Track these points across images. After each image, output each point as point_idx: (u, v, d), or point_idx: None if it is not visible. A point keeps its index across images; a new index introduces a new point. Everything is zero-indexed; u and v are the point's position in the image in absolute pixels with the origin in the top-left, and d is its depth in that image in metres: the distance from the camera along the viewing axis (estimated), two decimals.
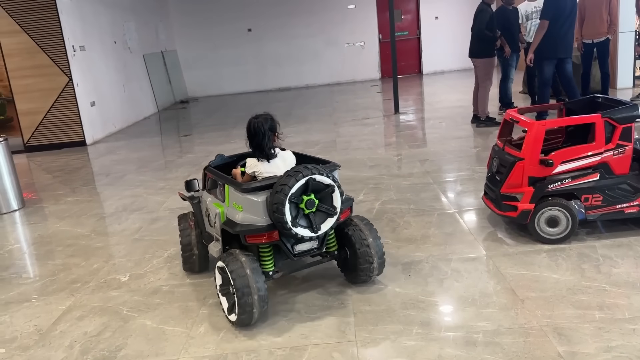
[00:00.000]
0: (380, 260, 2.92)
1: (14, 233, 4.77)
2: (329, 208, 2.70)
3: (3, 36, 8.07)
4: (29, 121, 8.40)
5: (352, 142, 6.82)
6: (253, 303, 2.57)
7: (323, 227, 2.69)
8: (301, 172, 2.58)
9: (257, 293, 2.58)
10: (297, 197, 2.60)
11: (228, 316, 2.74)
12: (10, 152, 5.29)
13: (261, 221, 2.67)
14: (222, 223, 2.84)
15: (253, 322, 2.67)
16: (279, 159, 2.94)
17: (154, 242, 4.08)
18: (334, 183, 2.69)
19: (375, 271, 2.95)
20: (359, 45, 14.10)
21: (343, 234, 2.96)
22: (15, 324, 3.00)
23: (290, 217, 2.57)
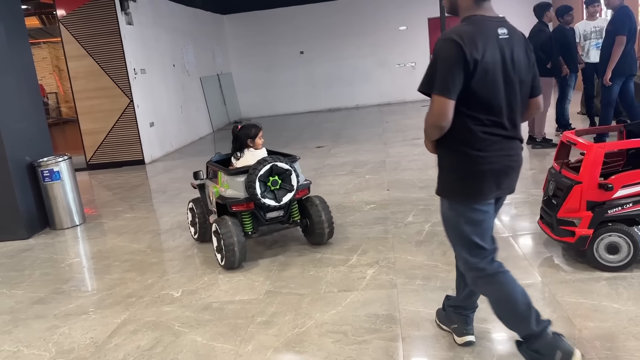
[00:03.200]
0: (329, 228, 4.03)
1: (75, 247, 5.00)
2: (287, 186, 3.84)
3: (70, 60, 8.59)
4: (91, 140, 8.84)
5: (401, 163, 6.78)
6: (235, 253, 3.71)
7: (284, 199, 3.84)
8: (267, 160, 3.75)
9: (238, 245, 3.71)
10: (265, 178, 3.75)
11: (220, 262, 3.86)
12: (73, 170, 5.58)
13: (241, 195, 3.81)
14: (217, 198, 3.96)
15: (236, 266, 3.79)
16: (248, 155, 4.03)
17: (205, 259, 4.18)
18: (291, 168, 3.83)
19: (327, 236, 4.06)
20: (410, 66, 14.07)
21: (304, 208, 4.09)
22: (73, 336, 3.13)
23: (260, 191, 3.73)
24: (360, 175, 6.31)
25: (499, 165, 2.18)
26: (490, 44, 2.09)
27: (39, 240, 5.17)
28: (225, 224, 3.75)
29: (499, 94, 2.11)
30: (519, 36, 2.21)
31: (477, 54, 2.04)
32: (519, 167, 2.29)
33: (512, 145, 2.21)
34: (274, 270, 3.78)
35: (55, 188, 5.34)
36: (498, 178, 2.20)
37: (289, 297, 3.32)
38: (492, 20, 2.15)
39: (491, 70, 2.08)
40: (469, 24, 2.14)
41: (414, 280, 3.36)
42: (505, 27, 2.16)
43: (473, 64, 2.04)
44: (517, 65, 2.14)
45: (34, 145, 5.46)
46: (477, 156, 2.15)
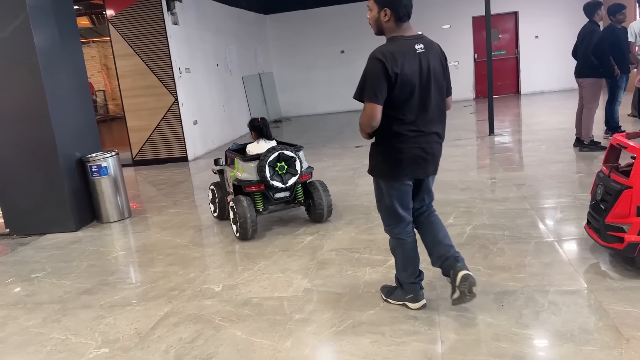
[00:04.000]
0: (328, 208, 4.74)
1: (121, 241, 5.16)
2: (292, 170, 4.57)
3: (119, 59, 8.86)
4: (137, 137, 9.10)
5: (442, 164, 6.58)
6: (247, 226, 4.43)
7: (289, 181, 4.56)
8: (275, 149, 4.50)
9: (250, 220, 4.43)
10: (274, 163, 4.49)
11: (235, 234, 4.58)
12: (120, 166, 5.76)
13: (254, 178, 4.55)
14: (233, 180, 4.73)
15: (248, 238, 4.50)
16: (262, 143, 4.78)
17: (245, 255, 4.24)
18: (296, 156, 4.55)
19: (325, 214, 4.75)
20: (452, 65, 13.85)
21: (308, 191, 4.79)
22: (118, 326, 3.24)
23: (269, 174, 4.47)
24: None
25: (411, 155, 2.77)
26: (409, 58, 2.66)
27: (86, 233, 5.36)
28: (240, 202, 4.47)
29: (415, 98, 2.69)
30: (434, 48, 2.78)
31: (397, 68, 2.62)
32: (432, 157, 2.86)
33: (426, 140, 2.79)
34: (312, 268, 3.80)
35: (102, 183, 5.53)
36: (411, 165, 2.80)
37: (327, 296, 3.33)
38: (410, 39, 2.72)
39: (409, 80, 2.64)
40: (391, 44, 2.73)
41: None
42: (422, 43, 2.73)
43: (394, 76, 2.62)
44: (432, 73, 2.71)
45: (83, 141, 5.66)
46: (395, 147, 2.77)
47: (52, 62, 5.26)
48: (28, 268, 4.48)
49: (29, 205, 5.37)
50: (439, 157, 2.92)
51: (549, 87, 13.58)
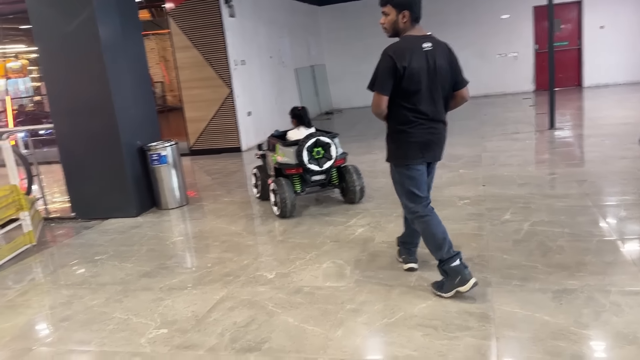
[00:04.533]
0: (361, 191, 5.14)
1: (178, 227, 5.34)
2: (328, 155, 4.95)
3: (178, 51, 9.12)
4: (194, 128, 9.35)
5: (499, 158, 6.51)
6: (287, 205, 4.88)
7: (325, 165, 4.95)
8: (313, 135, 4.88)
9: (289, 200, 4.88)
10: (311, 148, 4.87)
11: (276, 213, 5.02)
12: (179, 155, 5.95)
13: (293, 161, 4.95)
14: (274, 164, 5.14)
15: (287, 216, 4.92)
16: (302, 130, 5.15)
17: (297, 244, 4.30)
18: (331, 142, 4.92)
19: (358, 196, 5.15)
20: (511, 56, 13.42)
21: (342, 174, 5.21)
22: (176, 308, 3.36)
23: (306, 158, 4.86)
24: (454, 170, 6.15)
25: (422, 139, 3.10)
26: (416, 54, 2.98)
27: (146, 218, 5.58)
28: (280, 183, 4.93)
29: (422, 89, 3.02)
30: (441, 47, 3.09)
31: (405, 62, 2.95)
32: (439, 141, 3.19)
33: (434, 125, 3.12)
34: (363, 260, 3.80)
35: (162, 171, 5.73)
36: (422, 148, 3.12)
37: (378, 287, 3.33)
38: (418, 37, 3.04)
39: (416, 73, 2.97)
40: (401, 42, 3.06)
41: (510, 280, 3.23)
42: (430, 41, 3.04)
43: (402, 70, 2.96)
44: (438, 68, 3.02)
45: (144, 131, 5.88)
46: (407, 132, 3.10)
47: (116, 55, 5.48)
48: (92, 251, 4.71)
49: (93, 191, 5.64)
50: (444, 143, 3.27)
51: (613, 79, 12.92)
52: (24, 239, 4.92)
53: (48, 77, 5.64)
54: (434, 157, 3.22)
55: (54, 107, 5.63)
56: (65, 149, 5.67)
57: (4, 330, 3.35)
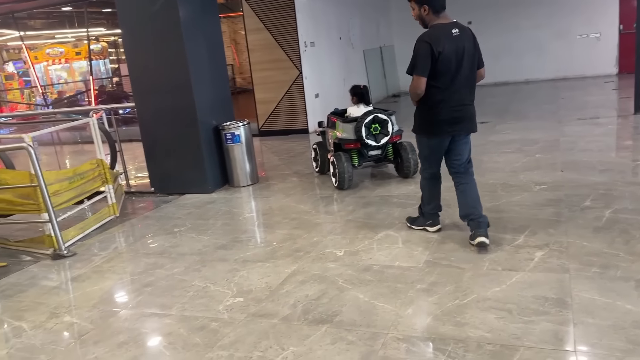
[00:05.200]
0: (414, 166, 5.35)
1: (250, 204, 5.52)
2: (385, 131, 5.19)
3: (250, 33, 9.29)
4: (264, 109, 9.54)
5: (578, 143, 6.21)
6: (345, 178, 5.22)
7: (382, 141, 5.20)
8: (371, 112, 5.16)
9: (347, 173, 5.21)
10: (369, 125, 5.12)
11: (334, 183, 5.39)
12: (251, 135, 6.11)
13: (351, 137, 5.24)
14: (334, 139, 5.46)
15: (345, 188, 5.28)
16: (362, 107, 5.48)
17: (365, 224, 4.33)
18: (388, 119, 5.15)
19: (412, 171, 5.40)
20: (593, 37, 12.66)
21: (397, 150, 5.47)
22: (251, 279, 3.50)
23: (364, 134, 5.13)
24: (530, 154, 5.93)
25: (449, 116, 3.54)
26: (448, 40, 3.41)
27: (220, 195, 5.80)
28: (339, 157, 5.25)
29: (452, 71, 3.45)
30: (467, 32, 3.51)
31: (440, 47, 3.38)
32: (467, 116, 3.61)
33: (462, 101, 3.55)
34: (433, 242, 3.78)
35: (235, 150, 5.91)
36: (449, 124, 3.56)
37: (449, 269, 3.31)
38: (448, 25, 3.47)
39: (447, 57, 3.41)
40: (434, 30, 3.48)
41: (589, 267, 3.12)
42: (457, 28, 3.47)
43: (438, 54, 3.39)
44: (465, 52, 3.46)
45: (219, 110, 6.08)
46: (436, 110, 3.55)
47: (194, 36, 5.68)
48: (171, 223, 4.97)
49: (171, 168, 5.92)
50: (474, 117, 3.68)
51: None
52: (108, 210, 5.26)
53: (130, 58, 5.93)
54: (461, 130, 3.64)
55: (135, 86, 5.92)
56: (145, 126, 5.97)
57: (92, 293, 3.62)
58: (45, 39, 18.48)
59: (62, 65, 17.84)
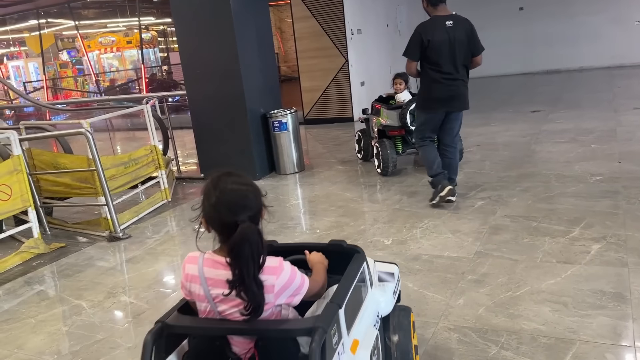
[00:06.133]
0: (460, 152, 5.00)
1: (296, 191, 5.56)
2: None
3: (297, 21, 9.31)
4: (309, 97, 9.57)
5: (636, 133, 5.95)
6: (389, 164, 5.29)
7: None
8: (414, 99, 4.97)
9: (391, 159, 5.27)
10: (414, 112, 4.86)
11: (377, 169, 5.49)
12: (298, 123, 6.14)
13: (396, 124, 5.30)
14: (378, 126, 5.49)
15: (389, 174, 5.34)
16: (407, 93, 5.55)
17: (413, 213, 4.30)
18: None
19: None
20: (636, 23, 12.02)
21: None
22: None
23: (409, 121, 5.13)
24: (585, 144, 5.73)
25: (442, 94, 4.14)
26: (439, 30, 4.02)
27: (266, 181, 5.88)
28: (383, 144, 5.32)
29: (444, 57, 4.06)
30: (462, 23, 4.08)
31: (429, 37, 4.01)
32: (459, 95, 4.18)
33: (454, 83, 4.14)
34: (484, 232, 3.72)
35: (282, 137, 5.96)
36: (443, 101, 4.17)
37: (501, 261, 3.25)
38: (443, 17, 4.05)
39: (437, 45, 4.02)
40: (428, 22, 4.12)
41: None
42: (452, 20, 4.04)
43: (427, 43, 4.02)
44: (456, 41, 4.02)
45: (267, 98, 6.13)
46: (431, 88, 4.18)
47: (244, 24, 5.74)
48: None
49: (220, 154, 6.03)
50: (466, 97, 4.24)
51: None
52: (161, 195, 5.42)
53: (182, 46, 6.05)
54: (453, 108, 4.22)
55: (186, 74, 6.05)
56: (196, 113, 6.10)
57: (147, 274, 3.75)
58: (98, 28, 19.09)
59: (114, 54, 18.40)
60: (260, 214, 1.57)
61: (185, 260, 1.62)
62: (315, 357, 1.33)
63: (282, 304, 1.57)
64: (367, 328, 1.74)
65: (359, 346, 1.62)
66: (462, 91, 4.18)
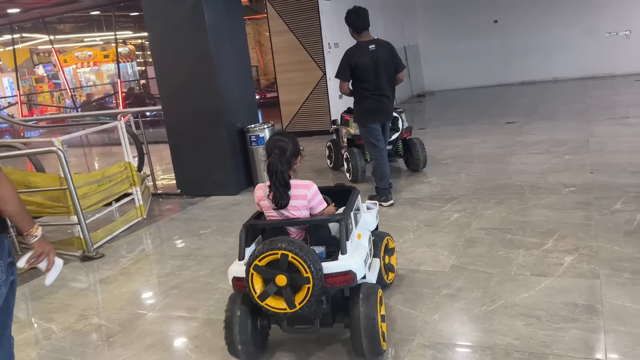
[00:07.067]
0: (423, 161, 5.76)
1: None
2: (395, 127, 5.54)
3: (274, 35, 9.32)
4: (288, 110, 9.56)
5: (608, 144, 6.06)
6: (358, 171, 5.56)
7: (392, 137, 5.50)
8: None
9: (360, 166, 5.55)
10: None
11: (347, 176, 5.80)
12: None
13: None
14: (348, 136, 5.86)
15: (358, 180, 5.58)
16: None
17: (390, 227, 4.27)
18: (398, 116, 5.53)
19: (421, 165, 5.76)
20: (623, 35, 12.34)
21: (407, 145, 5.80)
22: None
23: None
24: (558, 155, 5.82)
25: (371, 108, 4.68)
26: (364, 53, 4.58)
27: (245, 196, 5.84)
28: (353, 152, 5.64)
29: (370, 76, 4.60)
30: (384, 47, 4.67)
31: (356, 60, 4.56)
32: (386, 109, 4.75)
33: (380, 99, 4.69)
34: (459, 246, 3.74)
35: (260, 152, 5.93)
36: (373, 114, 4.71)
37: (476, 274, 3.26)
38: (366, 42, 4.63)
39: (364, 66, 4.56)
40: (354, 47, 4.68)
41: (620, 272, 3.04)
42: (374, 44, 4.62)
43: (355, 65, 4.56)
44: (381, 62, 4.59)
45: (243, 113, 6.11)
46: (362, 104, 4.73)
47: (220, 39, 5.73)
48: (197, 225, 5.02)
49: (196, 170, 5.98)
50: (391, 110, 4.86)
51: None
52: (135, 212, 5.35)
53: (157, 60, 6.02)
54: (383, 119, 4.80)
55: (162, 89, 6.00)
56: (171, 129, 6.05)
57: (120, 295, 3.68)
58: (75, 43, 18.90)
59: (91, 68, 18.23)
60: (290, 155, 2.65)
61: (256, 188, 2.73)
62: (343, 233, 2.45)
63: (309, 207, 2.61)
64: (364, 230, 2.87)
65: (362, 237, 2.75)
66: (387, 105, 4.75)
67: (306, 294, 2.28)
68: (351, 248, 2.46)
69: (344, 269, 2.36)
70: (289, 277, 2.28)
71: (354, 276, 2.37)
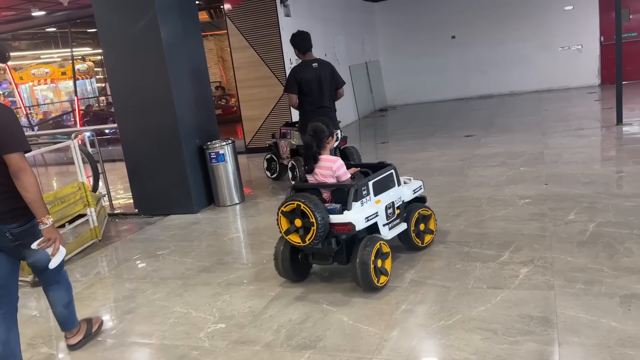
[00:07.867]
0: None
1: (235, 223, 5.46)
2: None
3: (235, 51, 9.30)
4: (250, 126, 9.51)
5: (562, 155, 6.24)
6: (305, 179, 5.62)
7: None
8: None
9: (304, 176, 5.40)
10: None
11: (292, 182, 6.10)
12: (235, 153, 6.07)
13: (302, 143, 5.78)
14: (291, 146, 6.43)
15: None
16: None
17: None
18: None
19: None
20: (575, 49, 12.83)
21: (344, 154, 6.14)
22: (234, 303, 3.44)
23: None
24: (514, 167, 5.95)
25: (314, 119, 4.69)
26: (308, 71, 5.17)
27: (205, 215, 5.74)
28: (298, 160, 5.99)
29: (314, 90, 5.17)
30: (325, 65, 5.31)
31: (301, 76, 5.16)
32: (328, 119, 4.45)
33: (321, 111, 5.10)
34: (418, 260, 3.75)
35: (220, 169, 5.86)
36: None
37: (434, 289, 3.27)
38: (310, 61, 5.26)
39: (308, 82, 5.15)
40: (299, 65, 5.30)
41: (574, 283, 3.10)
42: (317, 62, 5.26)
43: (300, 80, 5.16)
44: (323, 79, 5.19)
45: (203, 129, 6.03)
46: (306, 116, 5.13)
47: (177, 55, 5.66)
48: (154, 246, 4.90)
49: (154, 188, 5.85)
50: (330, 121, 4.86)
51: None
52: (90, 234, 5.17)
53: (112, 78, 5.89)
54: None
55: (118, 106, 5.88)
56: (128, 147, 5.91)
57: None
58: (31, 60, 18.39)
59: (48, 86, 17.74)
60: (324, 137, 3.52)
61: None
62: (351, 194, 3.27)
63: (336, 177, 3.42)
64: (389, 198, 3.57)
65: (380, 202, 3.47)
66: (330, 116, 5.18)
67: (312, 234, 3.15)
68: (358, 207, 3.28)
69: (345, 221, 3.20)
70: (302, 220, 3.18)
71: (354, 227, 3.19)
